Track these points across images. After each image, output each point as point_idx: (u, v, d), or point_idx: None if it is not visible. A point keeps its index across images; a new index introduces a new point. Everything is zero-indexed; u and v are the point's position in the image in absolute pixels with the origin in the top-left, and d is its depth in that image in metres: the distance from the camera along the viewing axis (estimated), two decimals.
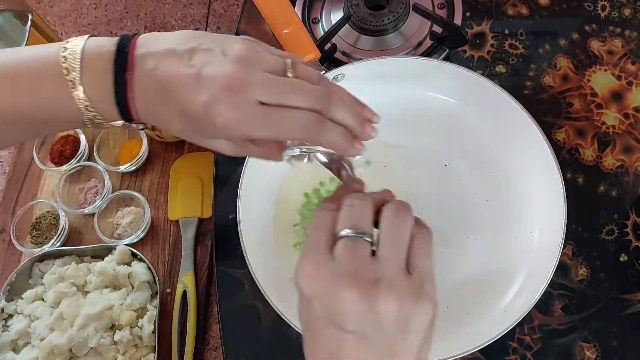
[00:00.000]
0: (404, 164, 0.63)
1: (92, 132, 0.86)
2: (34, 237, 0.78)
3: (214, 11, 1.06)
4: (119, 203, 0.79)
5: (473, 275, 0.58)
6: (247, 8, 0.77)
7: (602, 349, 0.59)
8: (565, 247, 0.60)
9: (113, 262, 0.72)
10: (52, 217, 0.79)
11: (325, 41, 0.67)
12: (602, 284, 0.61)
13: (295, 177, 0.63)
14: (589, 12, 0.74)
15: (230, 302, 0.62)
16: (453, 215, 0.61)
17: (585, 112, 0.69)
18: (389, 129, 0.65)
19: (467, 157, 0.63)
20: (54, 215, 0.79)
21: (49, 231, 0.78)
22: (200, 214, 0.78)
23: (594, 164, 0.66)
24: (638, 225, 0.63)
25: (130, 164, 0.80)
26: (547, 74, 0.71)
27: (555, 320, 0.60)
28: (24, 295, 0.70)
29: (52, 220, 0.78)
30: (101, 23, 1.06)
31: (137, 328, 0.68)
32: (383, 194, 0.40)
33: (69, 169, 0.80)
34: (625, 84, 0.70)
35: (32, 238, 0.78)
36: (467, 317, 0.56)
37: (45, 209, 0.80)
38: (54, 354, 0.65)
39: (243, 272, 0.63)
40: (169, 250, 0.78)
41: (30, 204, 0.79)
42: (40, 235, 0.78)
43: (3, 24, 0.69)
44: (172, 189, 0.81)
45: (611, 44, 0.72)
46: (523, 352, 0.59)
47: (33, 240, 0.78)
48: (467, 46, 0.73)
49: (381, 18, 0.69)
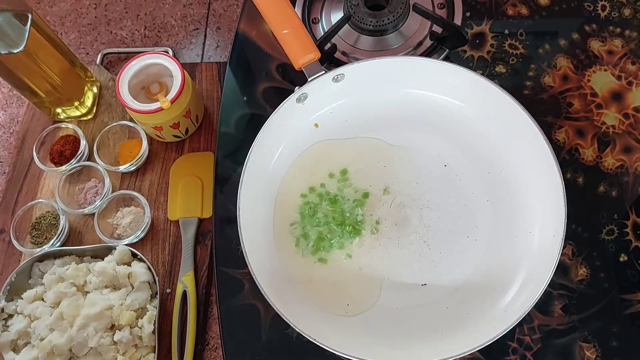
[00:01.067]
0: (404, 164, 0.63)
1: (92, 132, 0.86)
2: (33, 237, 0.78)
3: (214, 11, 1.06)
4: (119, 203, 0.79)
5: (473, 275, 0.58)
6: (247, 8, 0.77)
7: (602, 349, 0.59)
8: (565, 247, 0.60)
9: (113, 262, 0.72)
10: (52, 217, 0.79)
11: (325, 41, 0.67)
12: (602, 284, 0.61)
13: (294, 177, 0.63)
14: (589, 12, 0.74)
15: (230, 302, 0.62)
16: (453, 215, 0.61)
17: (585, 112, 0.69)
18: (389, 129, 0.65)
19: (467, 157, 0.63)
20: (53, 215, 0.79)
21: (49, 231, 0.78)
22: (200, 214, 0.78)
23: (594, 164, 0.66)
24: (638, 225, 0.63)
25: (130, 164, 0.80)
26: (547, 74, 0.71)
27: (555, 320, 0.60)
28: (24, 295, 0.70)
29: (52, 220, 0.78)
30: (101, 23, 1.06)
31: (137, 328, 0.69)
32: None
33: (69, 169, 0.80)
34: (625, 84, 0.70)
35: (32, 238, 0.78)
36: (467, 317, 0.56)
37: (45, 209, 0.80)
38: (54, 354, 0.65)
39: (243, 272, 0.63)
40: (169, 250, 0.78)
41: (30, 204, 0.79)
42: (40, 235, 0.78)
43: (3, 24, 0.69)
44: (172, 189, 0.81)
45: (611, 44, 0.72)
46: (523, 352, 0.59)
47: (33, 240, 0.78)
48: (467, 46, 0.73)
49: (381, 18, 0.69)
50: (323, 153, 0.64)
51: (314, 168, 0.64)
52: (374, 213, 0.62)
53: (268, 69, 0.73)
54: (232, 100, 0.72)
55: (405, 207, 0.62)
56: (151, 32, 1.05)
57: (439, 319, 0.57)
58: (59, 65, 0.79)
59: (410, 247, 0.60)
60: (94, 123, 0.87)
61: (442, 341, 0.55)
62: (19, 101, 1.00)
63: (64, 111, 0.85)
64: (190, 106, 0.77)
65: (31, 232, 0.78)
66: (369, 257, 0.60)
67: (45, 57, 0.75)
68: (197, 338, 0.72)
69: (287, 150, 0.64)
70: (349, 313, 0.57)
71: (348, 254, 0.60)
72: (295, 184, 0.63)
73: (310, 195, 0.63)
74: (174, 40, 1.04)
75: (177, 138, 0.82)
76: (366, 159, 0.64)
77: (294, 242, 0.61)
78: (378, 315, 0.58)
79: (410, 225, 0.61)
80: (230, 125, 0.71)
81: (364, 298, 0.58)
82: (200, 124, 0.84)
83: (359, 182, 0.63)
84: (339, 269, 0.60)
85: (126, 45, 1.03)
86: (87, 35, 1.05)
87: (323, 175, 0.64)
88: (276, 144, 0.63)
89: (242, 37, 0.76)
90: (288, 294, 0.57)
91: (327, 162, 0.64)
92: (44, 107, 0.84)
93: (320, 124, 0.65)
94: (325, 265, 0.60)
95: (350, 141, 0.65)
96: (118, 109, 0.88)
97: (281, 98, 0.60)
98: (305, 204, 0.62)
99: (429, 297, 0.58)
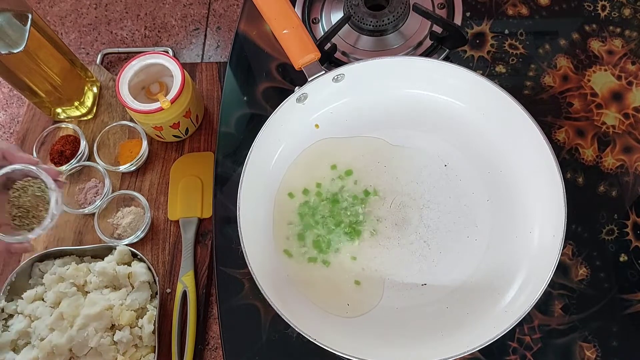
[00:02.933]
0: (404, 164, 0.63)
1: (92, 132, 0.86)
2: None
3: (214, 11, 1.06)
4: (119, 203, 0.79)
5: (473, 275, 0.58)
6: (247, 8, 0.77)
7: (602, 349, 0.59)
8: (565, 247, 0.60)
9: (113, 262, 0.72)
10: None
11: (325, 41, 0.67)
12: (602, 284, 0.61)
13: (294, 177, 0.63)
14: (589, 12, 0.74)
15: (230, 302, 0.62)
16: (453, 215, 0.61)
17: (585, 112, 0.69)
18: (389, 129, 0.65)
19: (467, 157, 0.63)
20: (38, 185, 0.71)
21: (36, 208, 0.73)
22: (200, 214, 0.78)
23: (594, 164, 0.66)
24: (638, 225, 0.63)
25: (130, 164, 0.80)
26: (547, 74, 0.71)
27: (555, 320, 0.60)
28: (24, 295, 0.70)
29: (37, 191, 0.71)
30: (101, 23, 1.06)
31: (137, 328, 0.69)
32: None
33: (69, 169, 0.80)
34: (625, 84, 0.70)
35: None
36: (467, 317, 0.56)
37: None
38: (54, 354, 0.65)
39: (243, 272, 0.63)
40: (169, 250, 0.78)
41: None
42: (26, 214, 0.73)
43: (3, 24, 0.69)
44: (172, 189, 0.81)
45: (611, 44, 0.72)
46: (523, 352, 0.59)
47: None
48: (467, 46, 0.73)
49: (381, 18, 0.69)
50: (323, 153, 0.64)
51: (314, 168, 0.64)
52: (374, 213, 0.62)
53: (268, 69, 0.73)
54: (232, 100, 0.72)
55: (405, 207, 0.62)
56: (151, 32, 1.05)
57: (439, 319, 0.57)
58: (59, 65, 0.79)
59: (410, 247, 0.60)
60: (94, 123, 0.87)
61: (442, 341, 0.55)
62: (19, 101, 1.00)
63: (64, 111, 0.85)
64: (190, 106, 0.77)
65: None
66: (368, 257, 0.60)
67: (45, 57, 0.75)
68: (197, 338, 0.72)
69: (287, 150, 0.64)
70: (349, 313, 0.57)
71: (348, 254, 0.60)
72: (295, 183, 0.63)
73: (310, 195, 0.63)
74: (174, 40, 1.04)
75: (177, 138, 0.82)
76: (366, 159, 0.64)
77: (294, 242, 0.61)
78: (378, 315, 0.58)
79: (410, 225, 0.61)
80: (230, 125, 0.71)
81: (365, 299, 0.58)
82: (200, 124, 0.84)
83: (359, 182, 0.63)
84: (339, 269, 0.60)
85: (126, 45, 1.03)
86: (87, 35, 1.05)
87: (323, 176, 0.64)
88: (276, 144, 0.63)
89: (242, 37, 0.76)
90: (288, 294, 0.57)
91: (327, 162, 0.64)
92: (44, 107, 0.84)
93: (320, 124, 0.65)
94: (325, 265, 0.60)
95: (350, 141, 0.65)
96: (118, 109, 0.88)
97: (281, 98, 0.60)
98: (305, 204, 0.62)
99: (429, 297, 0.58)
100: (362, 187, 0.63)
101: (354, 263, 0.60)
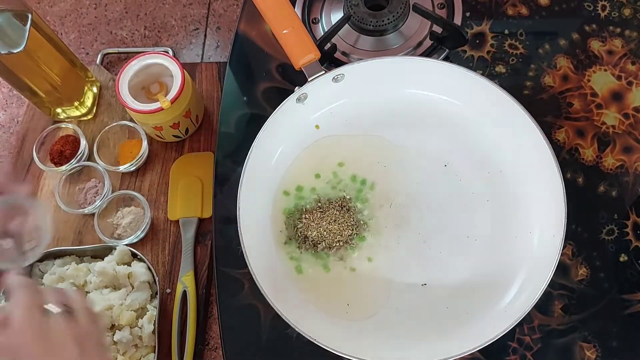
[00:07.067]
0: (404, 164, 0.63)
1: (92, 132, 0.86)
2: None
3: (214, 11, 1.06)
4: (119, 203, 0.79)
5: (473, 275, 0.58)
6: (247, 8, 0.77)
7: (602, 349, 0.59)
8: (565, 247, 0.60)
9: (113, 262, 0.72)
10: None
11: (325, 41, 0.67)
12: (602, 284, 0.61)
13: (294, 178, 0.63)
14: (589, 12, 0.74)
15: (230, 302, 0.62)
16: (453, 215, 0.61)
17: (585, 112, 0.69)
18: (389, 129, 0.65)
19: (467, 157, 0.63)
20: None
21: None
22: (200, 214, 0.78)
23: (594, 164, 0.66)
24: (638, 225, 0.63)
25: (130, 164, 0.80)
26: (547, 74, 0.71)
27: (555, 320, 0.60)
28: None
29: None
30: (101, 23, 1.06)
31: (137, 328, 0.69)
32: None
33: (69, 169, 0.80)
34: (625, 84, 0.70)
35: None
36: (466, 318, 0.56)
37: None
38: None
39: (243, 272, 0.63)
40: (169, 250, 0.78)
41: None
42: None
43: (3, 24, 0.69)
44: (172, 189, 0.81)
45: (611, 44, 0.72)
46: (523, 352, 0.59)
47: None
48: (467, 46, 0.73)
49: (381, 18, 0.69)
50: (323, 153, 0.64)
51: (314, 168, 0.64)
52: (374, 213, 0.62)
53: (268, 69, 0.73)
54: (232, 100, 0.72)
55: (405, 207, 0.62)
56: (151, 32, 1.05)
57: (439, 319, 0.57)
58: (59, 65, 0.79)
59: (410, 247, 0.60)
60: (94, 123, 0.87)
61: (442, 341, 0.55)
62: (19, 101, 1.00)
63: (64, 111, 0.85)
64: (190, 106, 0.77)
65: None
66: (368, 258, 0.60)
67: (45, 57, 0.75)
68: (197, 338, 0.72)
69: (287, 150, 0.64)
70: (349, 314, 0.57)
71: (348, 255, 0.60)
72: (295, 184, 0.63)
73: (310, 195, 0.63)
74: (174, 40, 1.04)
75: (177, 138, 0.82)
76: (366, 159, 0.64)
77: (294, 242, 0.61)
78: (378, 315, 0.58)
79: (410, 226, 0.61)
80: (230, 125, 0.71)
81: (365, 300, 0.58)
82: (200, 124, 0.84)
83: (359, 183, 0.63)
84: (339, 269, 0.60)
85: (126, 45, 1.03)
86: (87, 35, 1.05)
87: (323, 176, 0.64)
88: (276, 144, 0.63)
89: (242, 37, 0.76)
90: (288, 294, 0.57)
91: (328, 162, 0.64)
92: (44, 107, 0.84)
93: (320, 124, 0.65)
94: (324, 265, 0.60)
95: (351, 141, 0.65)
96: (118, 109, 0.88)
97: (281, 98, 0.60)
98: (304, 204, 0.62)
99: (429, 297, 0.58)
100: (362, 187, 0.63)
101: (354, 263, 0.60)
